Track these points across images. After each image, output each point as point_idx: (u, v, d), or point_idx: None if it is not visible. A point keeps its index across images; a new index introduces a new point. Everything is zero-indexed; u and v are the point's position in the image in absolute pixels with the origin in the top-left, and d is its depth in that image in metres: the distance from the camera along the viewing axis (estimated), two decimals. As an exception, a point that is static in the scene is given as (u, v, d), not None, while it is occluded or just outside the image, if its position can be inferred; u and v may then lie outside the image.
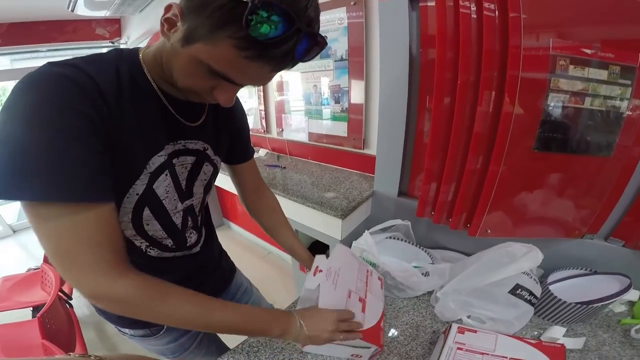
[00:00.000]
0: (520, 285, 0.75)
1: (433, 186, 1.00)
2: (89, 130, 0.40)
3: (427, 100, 1.03)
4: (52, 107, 0.38)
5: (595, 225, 0.88)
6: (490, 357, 0.62)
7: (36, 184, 0.37)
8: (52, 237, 0.41)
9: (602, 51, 0.70)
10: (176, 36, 0.42)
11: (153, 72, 0.50)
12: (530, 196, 0.86)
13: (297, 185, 1.49)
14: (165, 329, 0.72)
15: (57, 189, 0.38)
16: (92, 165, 0.41)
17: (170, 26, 0.43)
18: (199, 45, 0.40)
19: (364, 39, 1.40)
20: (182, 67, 0.45)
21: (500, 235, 0.91)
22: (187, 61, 0.43)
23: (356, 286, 0.73)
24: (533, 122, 0.77)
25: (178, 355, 0.78)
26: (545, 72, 0.72)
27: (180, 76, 0.46)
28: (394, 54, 1.02)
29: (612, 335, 0.77)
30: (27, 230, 3.49)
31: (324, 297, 0.64)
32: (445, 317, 0.83)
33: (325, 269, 0.69)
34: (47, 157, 0.37)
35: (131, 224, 0.54)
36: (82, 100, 0.40)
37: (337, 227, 1.23)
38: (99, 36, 3.61)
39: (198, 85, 0.46)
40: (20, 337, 1.39)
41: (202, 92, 0.48)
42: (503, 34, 0.73)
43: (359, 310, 0.68)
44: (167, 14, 0.43)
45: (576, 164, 0.81)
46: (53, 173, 0.38)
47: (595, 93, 0.72)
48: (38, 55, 3.62)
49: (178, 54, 0.44)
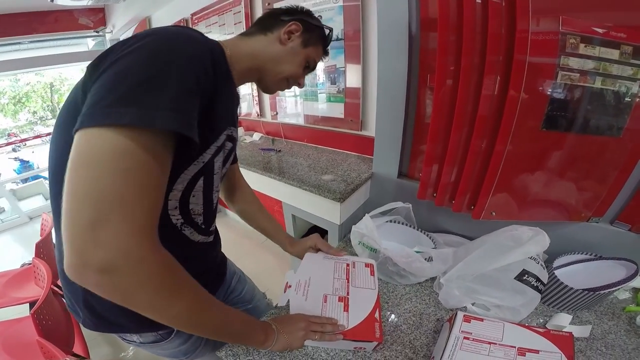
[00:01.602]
0: (527, 271, 0.72)
1: (435, 167, 0.96)
2: (199, 87, 0.43)
3: (428, 79, 0.98)
4: (188, 60, 0.42)
5: (600, 208, 0.85)
6: (498, 346, 0.59)
7: (121, 109, 0.35)
8: (114, 170, 0.34)
9: (613, 30, 0.66)
10: (295, 42, 0.70)
11: (235, 64, 0.63)
12: (537, 177, 0.83)
13: (293, 168, 1.45)
14: (175, 332, 0.68)
15: (153, 116, 0.36)
16: (195, 114, 0.43)
17: (289, 35, 0.69)
18: (311, 48, 0.73)
19: (361, 22, 1.35)
20: (295, 61, 0.71)
21: (505, 218, 0.88)
22: (302, 57, 0.72)
23: (333, 287, 0.75)
24: (542, 100, 0.72)
25: (190, 356, 0.76)
26: (555, 50, 0.68)
27: (289, 67, 0.71)
28: (393, 32, 0.97)
29: (617, 323, 0.75)
30: (19, 225, 3.45)
31: (294, 310, 0.69)
32: (449, 305, 0.81)
33: (295, 283, 0.72)
34: (168, 87, 0.38)
35: (181, 193, 0.54)
36: (205, 58, 0.46)
37: (335, 211, 1.19)
38: (82, 26, 3.54)
39: (299, 71, 0.73)
40: (18, 334, 1.37)
41: (296, 76, 0.74)
42: (510, 10, 0.69)
43: (340, 310, 0.70)
44: (290, 29, 0.69)
45: (584, 144, 0.77)
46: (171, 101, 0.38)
47: (607, 72, 0.69)
48: (20, 47, 3.51)
49: (297, 52, 0.70)
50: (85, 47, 4.05)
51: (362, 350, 0.70)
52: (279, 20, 0.70)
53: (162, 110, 0.37)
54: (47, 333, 1.14)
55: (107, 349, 1.77)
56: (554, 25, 0.67)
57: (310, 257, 0.82)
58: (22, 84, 9.23)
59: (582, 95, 0.71)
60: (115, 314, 0.58)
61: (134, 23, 3.15)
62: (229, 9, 1.99)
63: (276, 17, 0.71)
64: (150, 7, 2.70)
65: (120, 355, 1.74)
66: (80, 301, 0.57)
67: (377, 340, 0.65)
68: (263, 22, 0.72)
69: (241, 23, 1.93)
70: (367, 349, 0.69)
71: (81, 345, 1.33)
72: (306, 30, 0.70)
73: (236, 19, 1.96)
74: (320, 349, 0.71)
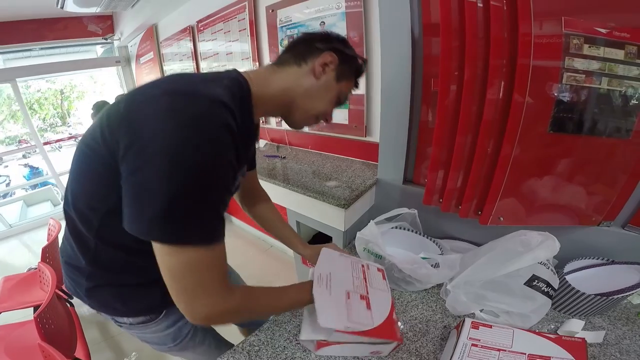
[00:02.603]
0: (536, 276, 0.70)
1: (441, 172, 0.94)
2: (232, 175, 0.50)
3: (432, 84, 0.97)
4: (212, 156, 0.44)
5: (612, 212, 0.83)
6: (507, 353, 0.57)
7: (194, 230, 0.46)
8: (192, 271, 0.47)
9: (617, 30, 0.66)
10: (329, 75, 0.66)
11: (261, 104, 0.62)
12: (545, 181, 0.81)
13: (298, 174, 1.44)
14: (164, 314, 0.71)
15: (210, 233, 0.47)
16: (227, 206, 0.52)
17: (324, 67, 0.65)
18: (344, 83, 0.69)
19: (363, 28, 1.36)
20: (327, 97, 0.68)
21: (513, 223, 0.86)
22: (335, 93, 0.68)
23: (354, 285, 0.72)
24: (547, 102, 0.71)
25: (179, 343, 0.77)
26: (559, 51, 0.67)
27: (321, 104, 0.68)
28: (396, 37, 0.96)
29: (631, 328, 0.73)
30: (29, 230, 3.49)
31: (321, 305, 0.62)
32: (457, 312, 0.79)
33: (316, 278, 0.68)
34: (205, 205, 0.46)
35: None
36: (231, 146, 0.48)
37: (339, 218, 1.18)
38: (91, 33, 3.60)
39: (330, 108, 0.70)
40: (21, 337, 1.38)
41: (326, 113, 0.71)
42: (512, 13, 0.68)
43: (363, 308, 0.66)
44: (325, 61, 0.64)
45: (593, 146, 0.76)
46: (209, 219, 0.47)
47: (612, 73, 0.68)
48: (31, 54, 3.60)
49: (330, 87, 0.67)
50: (94, 54, 4.14)
51: (378, 355, 0.68)
52: (314, 48, 0.65)
53: (218, 229, 0.49)
54: (49, 337, 1.13)
55: (109, 354, 1.76)
56: (556, 26, 0.66)
57: (328, 252, 0.79)
58: (33, 90, 9.41)
59: (589, 97, 0.70)
60: (112, 302, 0.65)
61: (141, 30, 3.21)
62: (233, 16, 2.01)
63: (311, 44, 0.66)
64: (157, 14, 2.75)
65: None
66: (83, 291, 0.65)
67: (399, 341, 0.64)
68: (297, 48, 0.67)
69: (246, 30, 1.95)
70: (384, 353, 0.68)
71: (83, 349, 1.33)
72: (341, 61, 0.66)
73: (240, 26, 1.98)
74: (324, 357, 0.69)
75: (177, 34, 2.68)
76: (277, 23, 1.74)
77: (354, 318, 0.62)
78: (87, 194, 0.54)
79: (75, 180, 0.56)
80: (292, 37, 1.69)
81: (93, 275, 0.62)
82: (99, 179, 0.51)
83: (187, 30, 2.53)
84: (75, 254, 0.61)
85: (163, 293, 0.49)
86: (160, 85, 0.49)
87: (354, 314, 0.63)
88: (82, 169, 0.54)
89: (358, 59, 0.71)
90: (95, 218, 0.54)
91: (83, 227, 0.57)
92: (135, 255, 0.58)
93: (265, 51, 1.93)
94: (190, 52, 2.60)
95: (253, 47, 1.96)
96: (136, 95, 0.48)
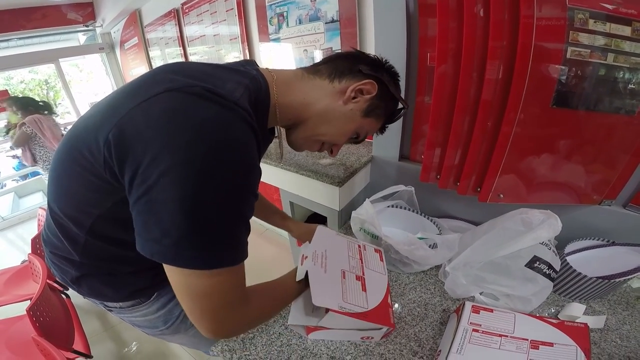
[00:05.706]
0: (538, 258, 0.68)
1: (438, 150, 0.91)
2: (256, 189, 0.46)
3: (428, 58, 0.92)
4: (238, 172, 0.41)
5: (613, 190, 0.80)
6: (509, 339, 0.56)
7: (227, 252, 0.43)
8: (220, 292, 0.44)
9: (623, 7, 0.62)
10: (358, 106, 0.57)
11: (278, 112, 0.56)
12: (546, 157, 0.78)
13: (290, 152, 1.38)
14: (155, 296, 0.68)
15: (242, 252, 0.45)
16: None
17: (357, 94, 0.56)
18: (371, 120, 0.60)
19: (356, 4, 1.29)
20: (345, 129, 0.60)
21: (513, 200, 0.83)
22: (355, 127, 0.60)
23: (349, 265, 0.69)
24: (551, 76, 0.68)
25: (170, 326, 0.74)
26: (563, 25, 0.63)
27: (334, 133, 0.60)
28: (390, 12, 0.91)
29: (632, 313, 0.71)
30: (22, 222, 3.44)
31: (315, 283, 0.59)
32: (456, 294, 0.77)
33: (310, 254, 0.64)
34: (239, 221, 0.43)
35: None
36: (256, 159, 0.45)
37: (334, 196, 1.15)
38: (71, 21, 3.47)
39: (341, 140, 0.63)
40: (21, 331, 1.36)
41: (335, 145, 0.64)
42: None
43: (359, 289, 0.64)
44: (363, 88, 0.56)
45: (596, 122, 0.72)
46: (241, 236, 0.44)
47: (619, 49, 0.65)
48: (9, 44, 3.46)
49: (353, 119, 0.58)
50: (77, 42, 3.99)
51: (369, 340, 0.66)
52: (356, 69, 0.57)
53: (246, 243, 0.46)
54: (45, 330, 1.12)
55: (110, 345, 1.76)
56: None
57: (323, 230, 0.76)
58: (16, 81, 9.14)
59: (594, 72, 0.67)
60: (102, 289, 0.62)
61: (124, 16, 3.08)
62: (220, -5, 1.91)
63: (355, 63, 0.58)
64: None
65: (123, 351, 1.73)
66: (71, 278, 0.61)
67: (392, 327, 0.61)
68: (338, 62, 0.59)
69: (233, 10, 1.86)
70: (375, 338, 0.66)
71: (82, 341, 1.31)
72: (379, 96, 0.58)
73: (227, 6, 1.89)
74: (320, 342, 0.68)
75: (161, 17, 2.58)
76: (266, 1, 1.66)
77: (349, 299, 0.60)
78: (75, 197, 0.50)
79: (58, 180, 0.52)
80: (281, 16, 1.62)
81: (82, 265, 0.58)
82: (93, 187, 0.46)
83: (171, 14, 2.42)
84: (64, 245, 0.57)
85: (153, 275, 0.49)
86: (170, 84, 0.43)
87: (349, 294, 0.61)
88: (71, 175, 0.49)
89: (399, 102, 0.63)
90: (87, 220, 0.50)
91: (73, 226, 0.52)
92: (128, 249, 0.53)
93: (254, 31, 1.85)
94: (176, 36, 2.50)
95: (241, 27, 1.88)
96: (141, 104, 0.42)
